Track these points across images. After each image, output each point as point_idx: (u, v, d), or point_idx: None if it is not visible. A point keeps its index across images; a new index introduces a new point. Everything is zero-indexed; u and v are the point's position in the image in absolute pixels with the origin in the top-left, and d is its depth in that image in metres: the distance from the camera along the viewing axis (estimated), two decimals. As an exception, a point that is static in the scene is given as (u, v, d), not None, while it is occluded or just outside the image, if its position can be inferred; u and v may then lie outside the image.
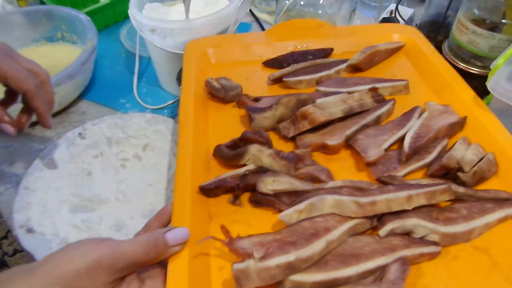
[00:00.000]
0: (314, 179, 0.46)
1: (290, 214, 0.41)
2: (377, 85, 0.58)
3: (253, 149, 0.48)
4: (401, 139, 0.50)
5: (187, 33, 0.67)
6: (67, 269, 0.33)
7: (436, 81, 0.60)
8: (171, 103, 0.76)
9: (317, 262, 0.38)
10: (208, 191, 0.46)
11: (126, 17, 0.99)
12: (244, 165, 0.49)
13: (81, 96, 0.79)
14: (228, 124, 0.56)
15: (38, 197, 0.58)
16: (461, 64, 0.68)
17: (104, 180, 0.61)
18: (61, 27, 0.84)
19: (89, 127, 0.68)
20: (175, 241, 0.37)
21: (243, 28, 0.73)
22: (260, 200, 0.45)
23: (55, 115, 0.75)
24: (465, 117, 0.52)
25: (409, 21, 0.86)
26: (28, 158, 0.66)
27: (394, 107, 0.56)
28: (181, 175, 0.46)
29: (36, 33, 0.85)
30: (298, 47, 0.69)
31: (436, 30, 0.78)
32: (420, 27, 0.82)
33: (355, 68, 0.64)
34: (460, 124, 0.52)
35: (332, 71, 0.62)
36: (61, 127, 0.73)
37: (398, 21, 0.85)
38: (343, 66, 0.63)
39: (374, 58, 0.64)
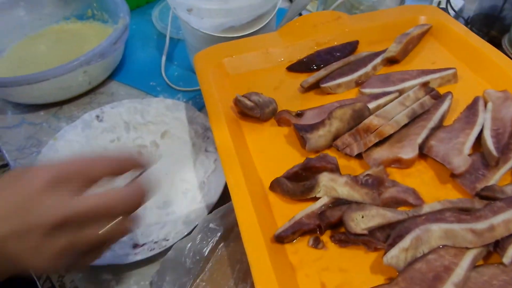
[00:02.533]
0: (400, 203, 0.40)
1: (396, 255, 0.35)
2: (426, 77, 0.53)
3: (324, 179, 0.41)
4: (477, 139, 0.44)
5: (225, 14, 0.61)
6: None
7: (481, 64, 0.55)
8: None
9: (449, 311, 0.32)
10: (283, 237, 0.39)
11: (158, -3, 0.94)
12: (313, 196, 0.42)
13: (111, 76, 0.76)
14: (272, 148, 0.49)
15: None
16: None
17: None
18: (92, 4, 0.82)
19: (107, 110, 0.64)
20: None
21: (279, 13, 0.67)
22: (349, 239, 0.38)
23: (85, 94, 0.73)
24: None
25: (459, 13, 0.80)
26: (54, 137, 0.63)
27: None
28: (247, 223, 0.39)
29: (67, 10, 0.83)
30: (317, 46, 0.62)
31: (490, 24, 0.73)
32: (472, 21, 0.77)
33: (391, 60, 0.58)
34: (529, 111, 0.47)
35: (369, 67, 0.56)
36: (89, 107, 0.71)
37: (448, 13, 0.78)
38: (379, 60, 0.57)
39: (409, 46, 0.58)
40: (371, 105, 0.49)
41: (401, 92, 0.51)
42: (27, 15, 0.81)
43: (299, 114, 0.51)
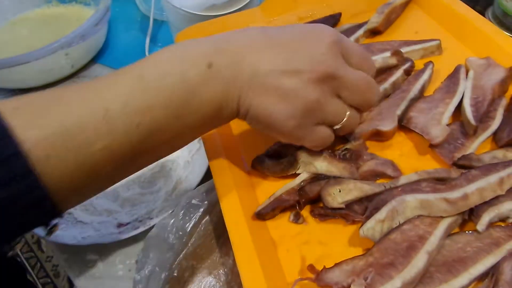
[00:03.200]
0: (379, 176, 0.41)
1: (372, 227, 0.36)
2: (407, 48, 0.52)
3: (303, 155, 0.41)
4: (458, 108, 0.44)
5: (208, -9, 0.59)
6: None
7: (466, 32, 0.54)
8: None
9: (422, 278, 0.33)
10: (264, 215, 0.39)
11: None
12: (293, 173, 0.42)
13: (94, 60, 0.76)
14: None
15: None
16: (508, 33, 0.62)
17: None
18: (73, -13, 0.81)
19: None
20: None
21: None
22: (328, 213, 0.39)
23: (67, 78, 0.72)
24: (512, 68, 0.47)
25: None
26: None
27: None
28: (228, 202, 0.39)
29: (48, -7, 0.81)
30: (299, 20, 0.61)
31: (475, -2, 0.71)
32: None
33: (373, 32, 0.57)
34: (510, 77, 0.47)
35: (351, 39, 0.55)
36: None
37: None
38: (361, 31, 0.56)
39: (391, 16, 0.57)
40: None
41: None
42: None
43: None
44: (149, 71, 0.28)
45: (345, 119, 0.35)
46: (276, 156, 0.43)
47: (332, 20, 0.59)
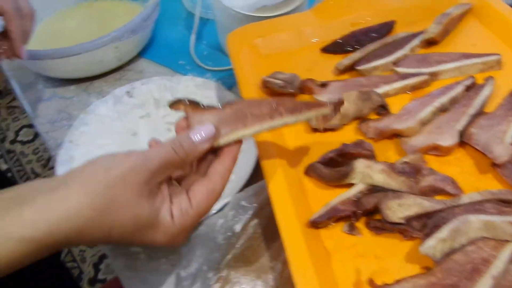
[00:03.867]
0: (437, 192, 0.40)
1: (434, 245, 0.35)
2: (466, 61, 0.51)
3: (360, 165, 0.41)
4: (520, 127, 0.43)
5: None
6: (100, 177, 0.31)
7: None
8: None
9: (486, 303, 0.32)
10: (319, 223, 0.39)
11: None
12: (348, 183, 0.42)
13: (140, 54, 0.76)
14: (305, 128, 0.49)
15: (82, 152, 0.57)
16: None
17: None
18: (121, -18, 0.80)
19: (137, 86, 0.64)
20: (200, 138, 0.35)
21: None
22: (385, 227, 0.38)
23: (114, 71, 0.73)
24: None
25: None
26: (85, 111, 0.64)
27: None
28: (282, 208, 0.39)
29: (97, -13, 0.82)
30: (351, 26, 0.60)
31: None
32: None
33: (430, 42, 0.56)
34: None
35: (406, 49, 0.54)
36: (118, 84, 0.71)
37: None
38: (417, 41, 0.55)
39: (449, 27, 0.56)
40: (389, 87, 0.48)
41: (434, 74, 0.50)
42: (58, -9, 0.81)
43: (323, 84, 0.50)
44: None
45: None
46: (331, 164, 0.43)
47: (386, 28, 0.58)
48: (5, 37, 0.55)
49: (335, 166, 0.42)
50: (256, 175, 0.50)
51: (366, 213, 0.40)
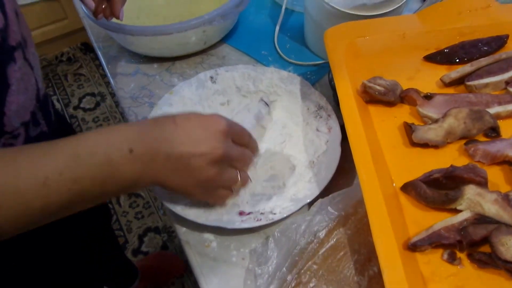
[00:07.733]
0: (555, 233, 0.36)
1: (553, 293, 0.32)
2: None
3: (470, 191, 0.38)
4: None
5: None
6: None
7: None
8: (318, 64, 0.69)
9: None
10: (419, 247, 0.37)
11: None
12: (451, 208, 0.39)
13: (224, 40, 0.75)
14: (403, 140, 0.46)
15: None
16: None
17: None
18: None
19: (221, 72, 0.64)
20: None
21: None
22: (490, 262, 0.35)
23: (197, 54, 0.74)
24: None
25: None
26: (166, 90, 0.65)
27: None
28: (380, 226, 0.37)
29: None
30: (459, 36, 0.56)
31: None
32: None
33: (549, 63, 0.51)
34: None
35: (523, 68, 0.49)
36: (200, 67, 0.72)
37: None
38: (535, 61, 0.50)
39: None
40: (502, 108, 0.44)
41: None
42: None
43: (428, 96, 0.47)
44: (81, 150, 0.36)
45: (239, 180, 0.46)
46: (434, 184, 0.40)
47: (499, 42, 0.54)
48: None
49: (438, 187, 0.39)
50: (337, 180, 0.49)
51: (471, 244, 0.37)
